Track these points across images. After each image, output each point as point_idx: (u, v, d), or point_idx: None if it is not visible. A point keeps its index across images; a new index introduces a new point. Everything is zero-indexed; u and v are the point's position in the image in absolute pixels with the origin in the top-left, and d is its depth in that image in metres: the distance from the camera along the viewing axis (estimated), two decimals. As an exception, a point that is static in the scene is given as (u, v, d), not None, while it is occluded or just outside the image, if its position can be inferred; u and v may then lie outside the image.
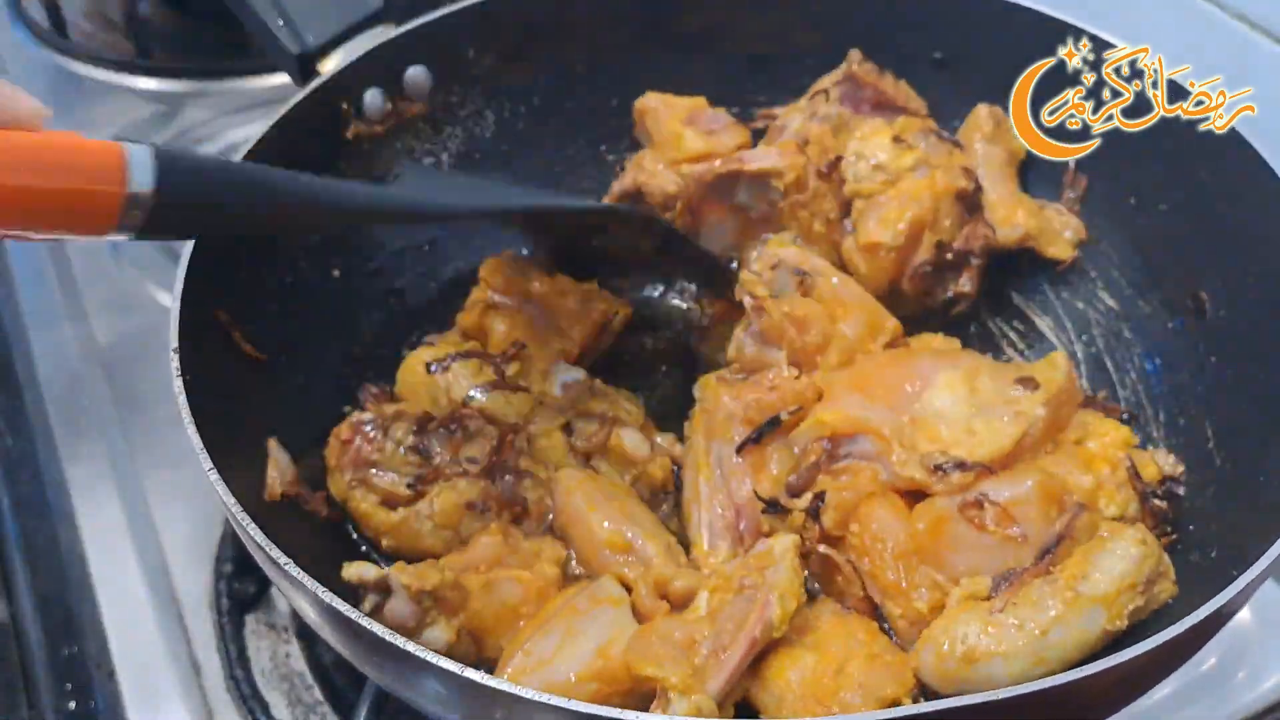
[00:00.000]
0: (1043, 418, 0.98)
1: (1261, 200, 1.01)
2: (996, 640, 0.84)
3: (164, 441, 1.21)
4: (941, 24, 1.26)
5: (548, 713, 0.68)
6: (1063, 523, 0.91)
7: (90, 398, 1.28)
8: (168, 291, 1.37)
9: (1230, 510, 0.95)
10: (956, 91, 1.28)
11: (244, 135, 1.55)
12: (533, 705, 0.68)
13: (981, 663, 0.84)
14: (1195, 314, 1.09)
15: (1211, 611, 0.74)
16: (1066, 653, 0.84)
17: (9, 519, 1.20)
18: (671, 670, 0.81)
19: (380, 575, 0.88)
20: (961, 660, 0.85)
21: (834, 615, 0.93)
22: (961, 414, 0.99)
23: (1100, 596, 0.85)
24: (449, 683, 0.71)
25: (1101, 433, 1.01)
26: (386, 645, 0.72)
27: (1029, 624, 0.84)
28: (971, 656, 0.85)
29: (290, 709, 1.04)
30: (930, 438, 0.98)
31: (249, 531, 0.79)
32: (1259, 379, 0.99)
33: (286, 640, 1.09)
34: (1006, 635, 0.84)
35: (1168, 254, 1.14)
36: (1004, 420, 0.98)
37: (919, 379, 1.02)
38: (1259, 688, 1.03)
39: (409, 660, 0.71)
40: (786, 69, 1.33)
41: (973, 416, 0.98)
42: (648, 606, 0.92)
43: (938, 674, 0.87)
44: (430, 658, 0.70)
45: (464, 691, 0.71)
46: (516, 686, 0.69)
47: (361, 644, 0.77)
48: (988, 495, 0.92)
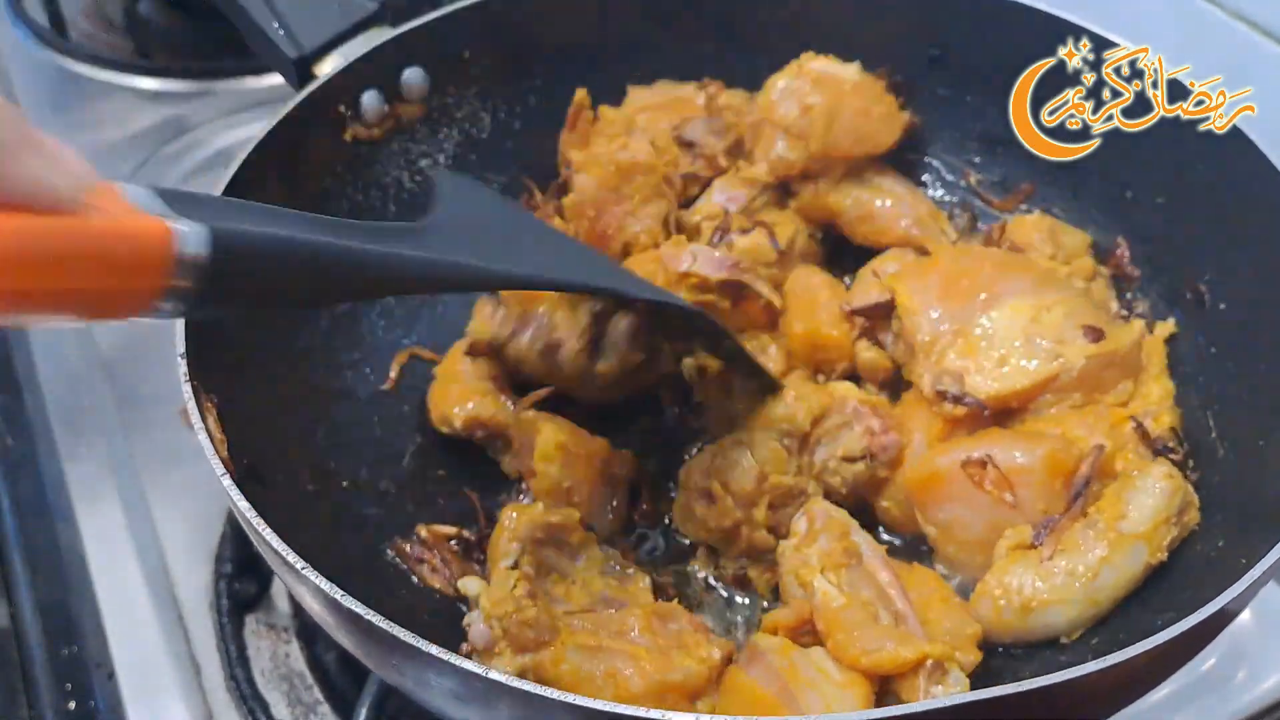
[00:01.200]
0: (1079, 370, 0.99)
1: (1260, 192, 1.01)
2: (1050, 589, 0.88)
3: (164, 442, 1.21)
4: (940, 22, 1.26)
5: (566, 712, 0.68)
6: (1088, 464, 0.93)
7: (90, 398, 1.28)
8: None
9: (1236, 501, 0.95)
10: (955, 90, 1.28)
11: (244, 135, 1.55)
12: (554, 705, 0.68)
13: (1037, 612, 0.88)
14: (1195, 306, 1.09)
15: (1213, 612, 0.74)
16: (1116, 591, 0.89)
17: (9, 519, 1.20)
18: (920, 643, 0.82)
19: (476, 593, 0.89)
20: (1019, 611, 0.89)
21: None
22: (1008, 339, 1.00)
23: (1141, 533, 0.89)
24: (471, 682, 0.70)
25: (1145, 395, 1.02)
26: (402, 644, 0.71)
27: (1079, 567, 0.88)
28: (1028, 607, 0.88)
29: (290, 709, 1.04)
30: (962, 352, 1.00)
31: (263, 535, 0.78)
32: (1259, 370, 1.00)
33: (286, 640, 1.09)
34: (1058, 582, 0.88)
35: (1165, 247, 1.14)
36: (1039, 359, 0.99)
37: (996, 289, 1.03)
38: (1258, 688, 1.03)
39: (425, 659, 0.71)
40: (785, 67, 1.33)
41: (1016, 345, 1.00)
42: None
43: (997, 626, 0.90)
44: (449, 657, 0.69)
45: (482, 690, 0.71)
46: (532, 685, 0.68)
47: (378, 644, 0.76)
48: (994, 457, 0.93)
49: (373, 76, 1.16)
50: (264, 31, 1.12)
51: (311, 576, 0.75)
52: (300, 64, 1.12)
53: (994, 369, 0.99)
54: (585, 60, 1.30)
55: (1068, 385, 0.99)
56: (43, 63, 1.75)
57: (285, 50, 1.12)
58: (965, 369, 1.00)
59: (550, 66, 1.29)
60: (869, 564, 0.90)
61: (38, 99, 1.70)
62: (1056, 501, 0.94)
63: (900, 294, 1.07)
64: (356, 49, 1.13)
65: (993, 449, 0.95)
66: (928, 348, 1.03)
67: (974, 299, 1.03)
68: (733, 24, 1.31)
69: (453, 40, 1.22)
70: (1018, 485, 0.93)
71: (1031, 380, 0.98)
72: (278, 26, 1.11)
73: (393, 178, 1.22)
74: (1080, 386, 1.00)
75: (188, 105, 1.66)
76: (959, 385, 0.99)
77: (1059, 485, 0.93)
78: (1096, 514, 0.91)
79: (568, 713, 0.68)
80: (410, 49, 1.17)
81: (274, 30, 1.11)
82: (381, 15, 1.16)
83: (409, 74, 1.19)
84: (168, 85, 1.69)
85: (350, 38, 1.14)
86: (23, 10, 1.81)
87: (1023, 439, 0.97)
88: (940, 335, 1.03)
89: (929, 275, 1.08)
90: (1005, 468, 0.93)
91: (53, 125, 1.65)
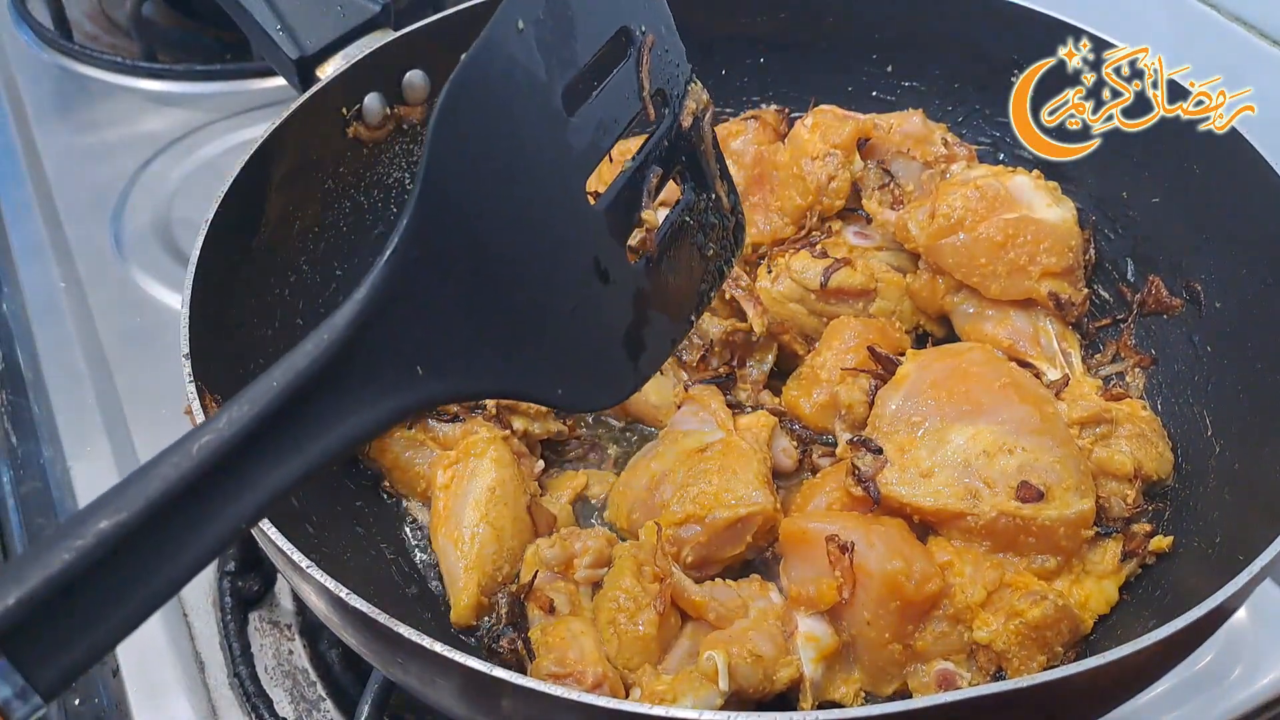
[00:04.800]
0: (984, 521, 0.93)
1: (1256, 192, 1.01)
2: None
3: (169, 440, 1.22)
4: (941, 23, 1.26)
5: (569, 709, 0.69)
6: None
7: (95, 396, 1.29)
8: (172, 290, 1.39)
9: (1231, 498, 0.96)
10: (955, 90, 1.29)
11: (247, 137, 1.57)
12: (558, 702, 0.68)
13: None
14: (1190, 305, 1.10)
15: (1209, 610, 0.74)
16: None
17: (14, 517, 1.20)
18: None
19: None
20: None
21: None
22: (949, 458, 0.95)
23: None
24: (474, 680, 0.71)
25: (1080, 588, 0.96)
26: (407, 642, 0.72)
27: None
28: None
29: (293, 705, 1.04)
30: (900, 445, 0.97)
31: (267, 533, 0.79)
32: (1255, 368, 1.00)
33: (290, 637, 1.09)
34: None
35: (1161, 246, 1.14)
36: (955, 492, 0.94)
37: (984, 408, 0.97)
38: (1254, 685, 1.03)
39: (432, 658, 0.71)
40: (786, 69, 1.34)
41: (950, 468, 0.95)
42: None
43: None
44: (453, 655, 0.70)
45: (485, 687, 0.71)
46: (542, 684, 0.69)
47: (382, 642, 0.76)
48: (852, 545, 0.90)
49: (375, 79, 1.16)
50: (267, 34, 1.12)
51: (317, 575, 0.76)
52: (303, 66, 1.13)
53: (914, 477, 0.95)
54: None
55: (974, 529, 0.93)
56: (47, 64, 1.76)
57: (288, 52, 1.12)
58: (890, 461, 0.96)
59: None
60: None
61: (42, 101, 1.70)
62: (888, 623, 0.90)
63: (905, 363, 1.04)
64: (358, 51, 1.14)
65: (854, 536, 0.91)
66: (879, 420, 1.00)
67: (957, 406, 0.98)
68: (734, 23, 1.32)
69: (454, 43, 1.21)
70: (860, 585, 0.90)
71: (936, 506, 0.93)
72: (280, 29, 1.11)
73: (394, 179, 1.23)
74: (987, 537, 0.93)
75: (191, 107, 1.66)
76: (871, 469, 0.96)
77: (892, 605, 0.89)
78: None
79: (571, 710, 0.69)
80: (412, 51, 1.18)
81: (277, 32, 1.11)
82: (383, 18, 1.16)
83: (411, 76, 1.19)
84: (171, 87, 1.70)
85: (352, 40, 1.15)
86: (27, 12, 1.82)
87: (888, 547, 0.91)
88: (898, 420, 0.99)
89: (941, 362, 1.03)
90: (856, 564, 0.90)
91: (57, 127, 1.66)
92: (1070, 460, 0.96)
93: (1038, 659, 0.91)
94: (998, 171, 1.16)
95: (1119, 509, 0.99)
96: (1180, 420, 1.07)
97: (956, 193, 1.13)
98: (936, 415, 0.98)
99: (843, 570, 0.90)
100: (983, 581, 0.92)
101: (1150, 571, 0.99)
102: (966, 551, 0.94)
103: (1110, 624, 0.95)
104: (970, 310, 1.14)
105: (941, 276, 1.15)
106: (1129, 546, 0.97)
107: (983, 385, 0.99)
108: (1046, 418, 0.98)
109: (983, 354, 1.04)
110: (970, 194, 1.12)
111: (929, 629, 0.91)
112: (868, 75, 1.32)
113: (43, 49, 1.78)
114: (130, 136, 1.62)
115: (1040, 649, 0.91)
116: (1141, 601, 0.96)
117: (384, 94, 1.18)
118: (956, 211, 1.11)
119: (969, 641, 0.92)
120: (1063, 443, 0.97)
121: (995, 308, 1.13)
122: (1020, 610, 0.90)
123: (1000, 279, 1.11)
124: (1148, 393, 1.12)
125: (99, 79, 1.72)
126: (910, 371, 1.03)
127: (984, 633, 0.90)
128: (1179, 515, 1.01)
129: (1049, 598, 0.91)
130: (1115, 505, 0.99)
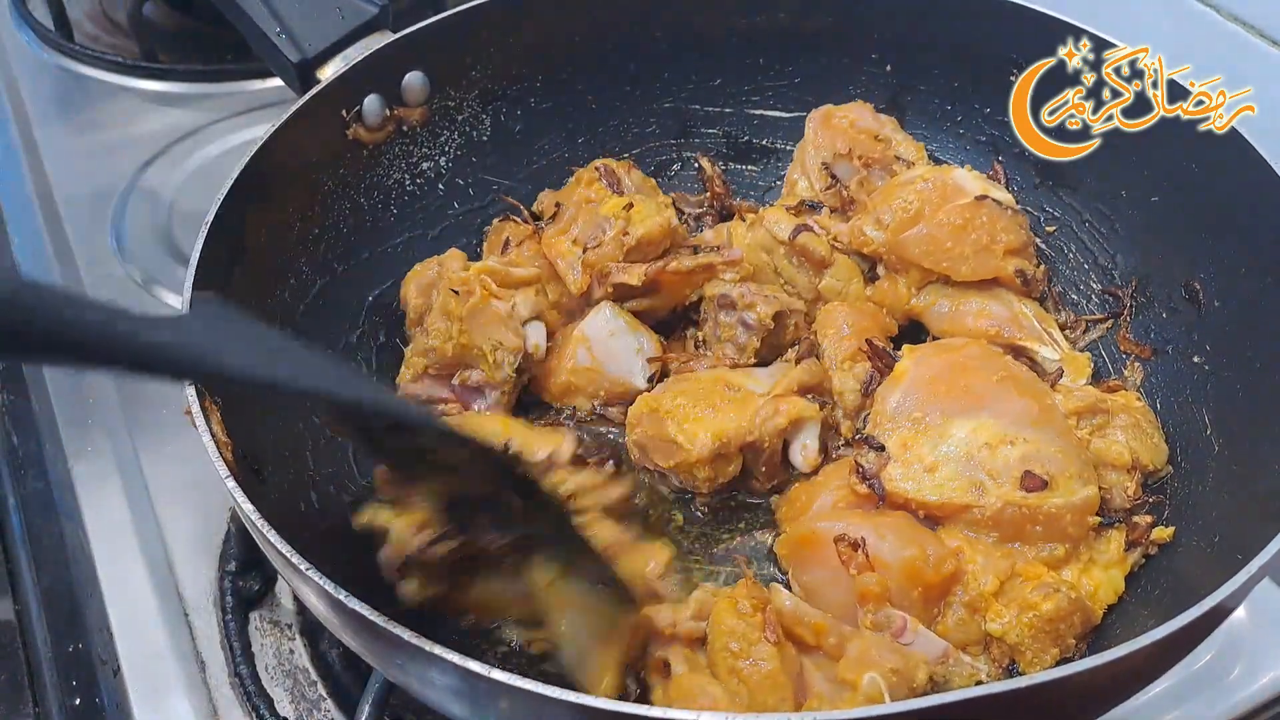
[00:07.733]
0: (991, 512, 0.95)
1: (1255, 191, 1.01)
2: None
3: (169, 439, 1.22)
4: (941, 22, 1.26)
5: (566, 709, 0.69)
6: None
7: (95, 396, 1.29)
8: (173, 291, 1.39)
9: (1230, 497, 0.96)
10: (955, 90, 1.29)
11: (247, 138, 1.57)
12: (555, 703, 0.69)
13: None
14: (1189, 303, 1.10)
15: (1208, 609, 0.74)
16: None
17: (15, 516, 1.21)
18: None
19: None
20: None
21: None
22: (952, 452, 0.97)
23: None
24: (473, 680, 0.71)
25: (1089, 577, 0.97)
26: (406, 644, 0.72)
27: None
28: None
29: (294, 705, 1.04)
30: (904, 442, 0.98)
31: (267, 536, 0.79)
32: (1255, 367, 1.00)
33: (290, 637, 1.09)
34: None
35: (1161, 245, 1.15)
36: (960, 485, 0.95)
37: (983, 401, 0.99)
38: (1253, 684, 1.03)
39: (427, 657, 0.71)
40: (782, 69, 1.34)
41: (954, 462, 0.97)
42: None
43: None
44: (452, 656, 0.70)
45: (484, 688, 0.71)
46: (532, 683, 0.69)
47: (381, 644, 0.76)
48: (865, 541, 0.92)
49: (374, 80, 1.16)
50: (266, 35, 1.12)
51: (316, 577, 0.76)
52: (302, 68, 1.13)
53: (918, 472, 0.96)
54: (585, 62, 1.30)
55: (980, 521, 0.95)
56: (48, 65, 1.76)
57: (287, 54, 1.12)
58: (892, 457, 0.97)
59: (551, 69, 1.30)
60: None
61: (43, 101, 1.71)
62: (913, 611, 0.91)
63: (902, 360, 1.04)
64: (358, 53, 1.14)
65: (867, 533, 0.92)
66: (880, 417, 1.01)
67: (956, 400, 0.99)
68: (725, 24, 1.32)
69: (453, 44, 1.22)
70: (877, 569, 0.91)
71: (942, 499, 0.95)
72: (280, 31, 1.12)
73: (394, 180, 1.23)
74: (994, 528, 0.95)
75: (191, 108, 1.66)
76: (875, 466, 0.97)
77: (915, 592, 0.91)
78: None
79: (568, 710, 0.69)
80: (411, 53, 1.18)
81: (276, 34, 1.12)
82: (383, 20, 1.17)
83: (410, 78, 1.19)
84: (172, 88, 1.70)
85: (352, 42, 1.15)
86: (28, 13, 1.82)
87: (899, 536, 0.93)
88: (898, 415, 1.00)
89: (939, 358, 1.05)
90: (871, 556, 0.91)
91: (57, 127, 1.66)
92: (1071, 449, 0.98)
93: (1050, 651, 0.92)
94: (935, 169, 1.21)
95: (1121, 499, 1.01)
96: (1180, 419, 1.07)
97: (907, 188, 1.16)
98: (937, 410, 1.00)
99: (857, 564, 0.91)
100: (994, 570, 0.93)
101: (1149, 569, 0.99)
102: (976, 542, 0.95)
103: (1110, 623, 0.96)
104: (945, 309, 1.16)
105: (903, 276, 1.17)
106: (1132, 536, 0.98)
107: (981, 379, 1.01)
108: (1045, 409, 1.00)
109: (978, 348, 1.06)
110: (922, 186, 1.16)
111: (949, 615, 0.93)
112: (868, 75, 1.32)
113: (43, 49, 1.78)
114: (131, 137, 1.62)
115: (1053, 641, 0.92)
116: (1140, 601, 0.97)
117: (383, 95, 1.18)
118: (913, 204, 1.15)
119: (985, 633, 0.93)
120: (1063, 433, 0.99)
121: (968, 300, 1.15)
122: (1033, 603, 0.91)
123: (969, 260, 1.14)
124: (1147, 393, 1.12)
125: (99, 79, 1.72)
126: (908, 368, 1.04)
127: (997, 625, 0.92)
128: (1178, 514, 1.01)
129: (1061, 590, 0.92)
130: (1117, 496, 1.01)
